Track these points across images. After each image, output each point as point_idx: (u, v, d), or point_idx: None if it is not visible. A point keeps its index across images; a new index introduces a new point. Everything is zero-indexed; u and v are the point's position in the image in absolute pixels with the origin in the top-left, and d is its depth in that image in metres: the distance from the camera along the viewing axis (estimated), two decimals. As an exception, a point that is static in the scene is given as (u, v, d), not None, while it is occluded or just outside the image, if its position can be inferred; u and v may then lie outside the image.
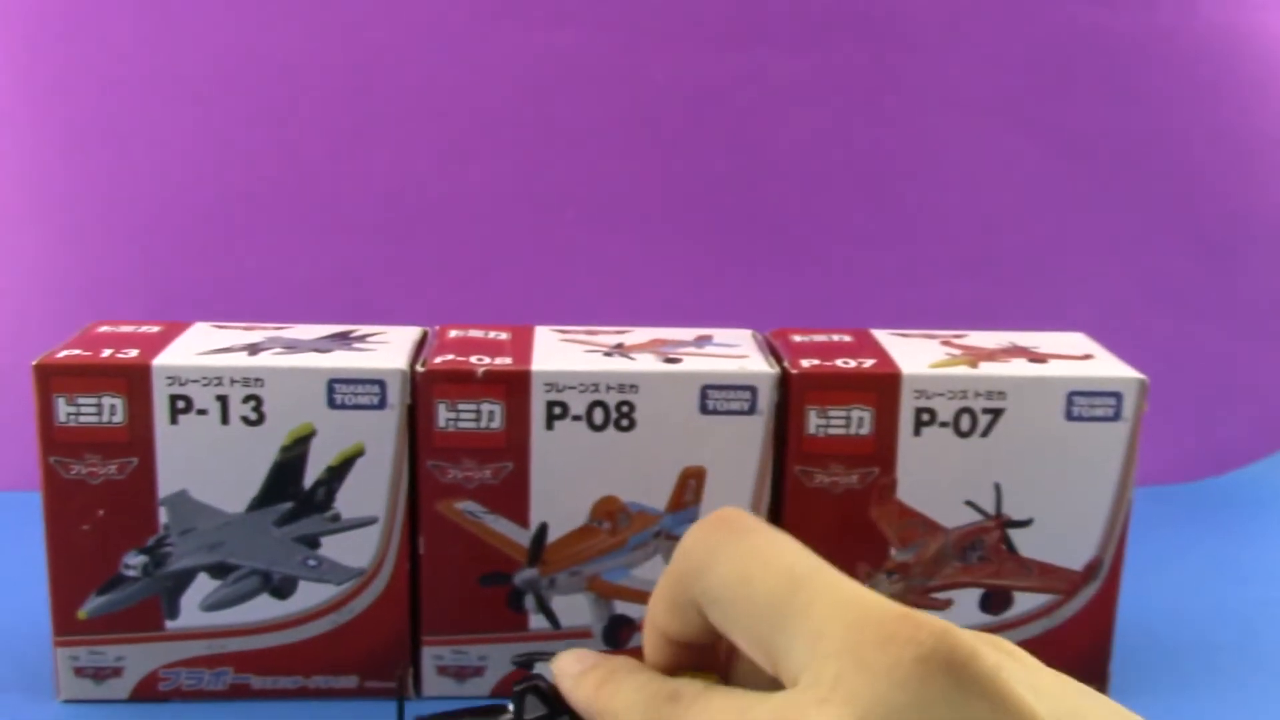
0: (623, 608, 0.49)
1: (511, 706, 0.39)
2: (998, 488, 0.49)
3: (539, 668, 0.42)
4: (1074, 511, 0.49)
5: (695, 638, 0.35)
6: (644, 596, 0.49)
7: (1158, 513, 0.68)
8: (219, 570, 0.48)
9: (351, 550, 0.48)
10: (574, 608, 0.49)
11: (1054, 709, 0.28)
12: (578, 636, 0.49)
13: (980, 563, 0.50)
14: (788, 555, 0.32)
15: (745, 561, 0.32)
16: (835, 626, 0.29)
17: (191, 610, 0.48)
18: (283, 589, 0.48)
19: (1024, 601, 0.50)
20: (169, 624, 0.48)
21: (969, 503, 0.49)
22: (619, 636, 0.50)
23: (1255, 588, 0.62)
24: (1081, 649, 0.51)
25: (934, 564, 0.49)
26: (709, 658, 0.36)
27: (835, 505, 0.48)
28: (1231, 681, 0.53)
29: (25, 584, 0.52)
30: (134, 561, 0.47)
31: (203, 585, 0.48)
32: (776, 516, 0.49)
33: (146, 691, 0.49)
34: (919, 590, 0.50)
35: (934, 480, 0.49)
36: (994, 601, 0.50)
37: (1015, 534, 0.50)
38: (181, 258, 0.72)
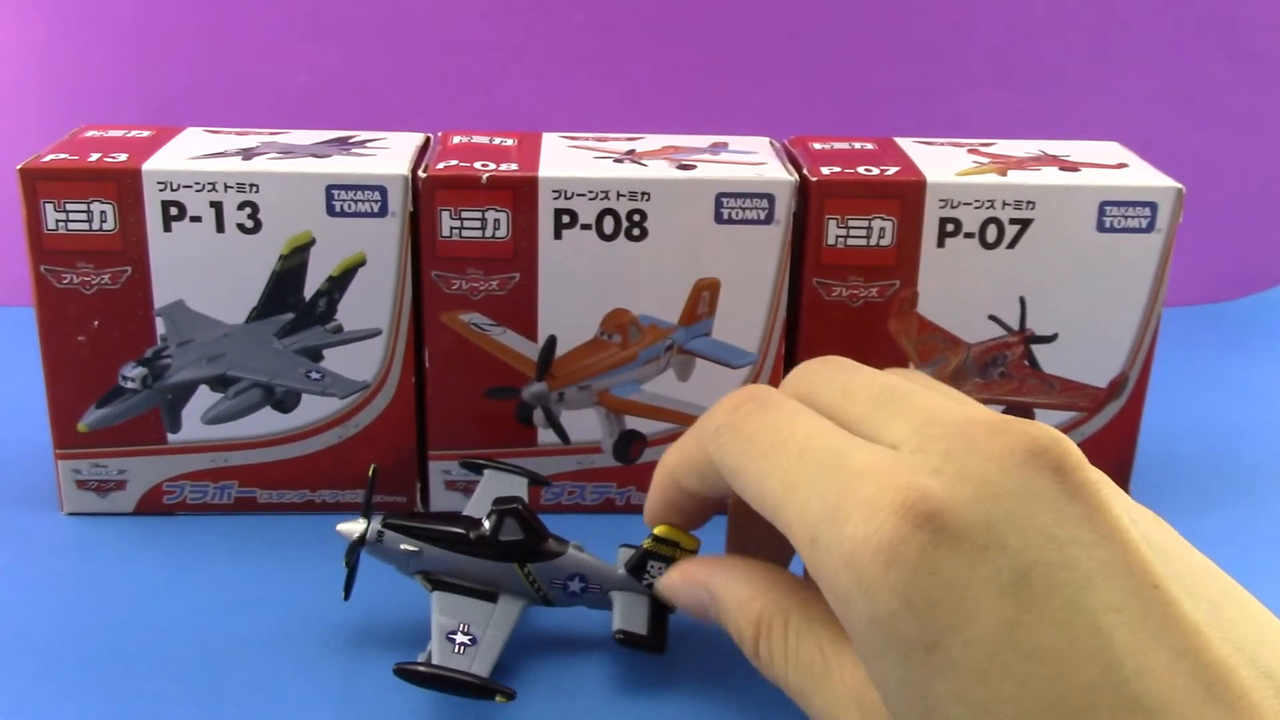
0: (633, 423, 0.48)
1: (488, 523, 0.40)
2: (1023, 301, 0.47)
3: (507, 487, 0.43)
4: (1101, 326, 0.48)
5: (712, 494, 0.36)
6: (655, 411, 0.48)
7: (1186, 332, 0.67)
8: (220, 383, 0.47)
9: (355, 363, 0.47)
10: (583, 422, 0.48)
11: (1145, 533, 0.28)
12: (587, 451, 0.48)
13: (1001, 379, 0.48)
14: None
15: (785, 418, 0.32)
16: (944, 416, 0.29)
17: (193, 423, 0.47)
18: (285, 402, 0.47)
19: (1045, 418, 0.49)
20: (171, 437, 0.48)
21: (992, 317, 0.47)
22: (629, 452, 0.49)
23: (1280, 408, 0.61)
24: (1102, 466, 0.49)
25: (953, 380, 0.48)
26: (712, 513, 0.37)
27: (853, 319, 0.47)
28: (1255, 499, 0.52)
29: (25, 398, 0.51)
30: (132, 373, 0.46)
31: (204, 398, 0.47)
32: (793, 330, 0.47)
33: (151, 505, 0.49)
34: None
35: (957, 293, 0.47)
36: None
37: (1039, 349, 0.48)
38: (173, 61, 0.70)
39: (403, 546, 0.39)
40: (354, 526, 0.40)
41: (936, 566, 0.26)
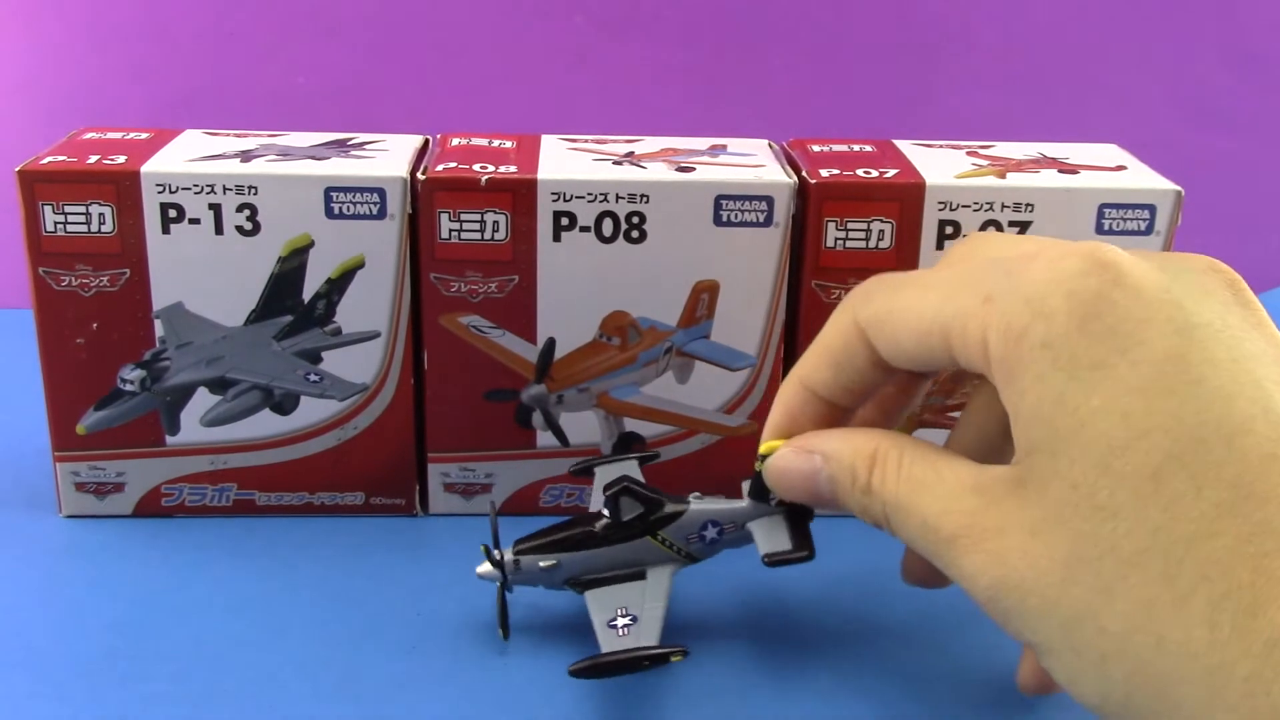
0: (632, 425, 0.48)
1: (607, 510, 0.40)
2: (1022, 304, 0.47)
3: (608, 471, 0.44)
4: (1100, 329, 0.48)
5: (849, 388, 0.35)
6: (654, 413, 0.48)
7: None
8: (219, 385, 0.47)
9: (354, 365, 0.47)
10: (582, 424, 0.48)
11: None
12: (586, 453, 0.48)
13: (1001, 381, 0.48)
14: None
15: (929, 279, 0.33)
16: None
17: (192, 426, 0.47)
18: (284, 404, 0.47)
19: (1044, 421, 0.49)
20: (170, 439, 0.47)
21: (991, 319, 0.47)
22: (629, 454, 0.49)
23: None
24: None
25: (952, 382, 0.48)
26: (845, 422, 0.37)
27: (853, 321, 0.47)
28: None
29: (24, 400, 0.51)
30: (131, 375, 0.46)
31: (203, 400, 0.47)
32: (792, 332, 0.47)
33: (150, 507, 0.48)
34: (936, 409, 0.48)
35: (956, 296, 0.47)
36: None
37: (1038, 352, 0.48)
38: (172, 64, 0.70)
39: (541, 565, 0.40)
40: (488, 566, 0.40)
41: (1115, 301, 0.28)
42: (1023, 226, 0.46)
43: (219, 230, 0.45)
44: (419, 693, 0.38)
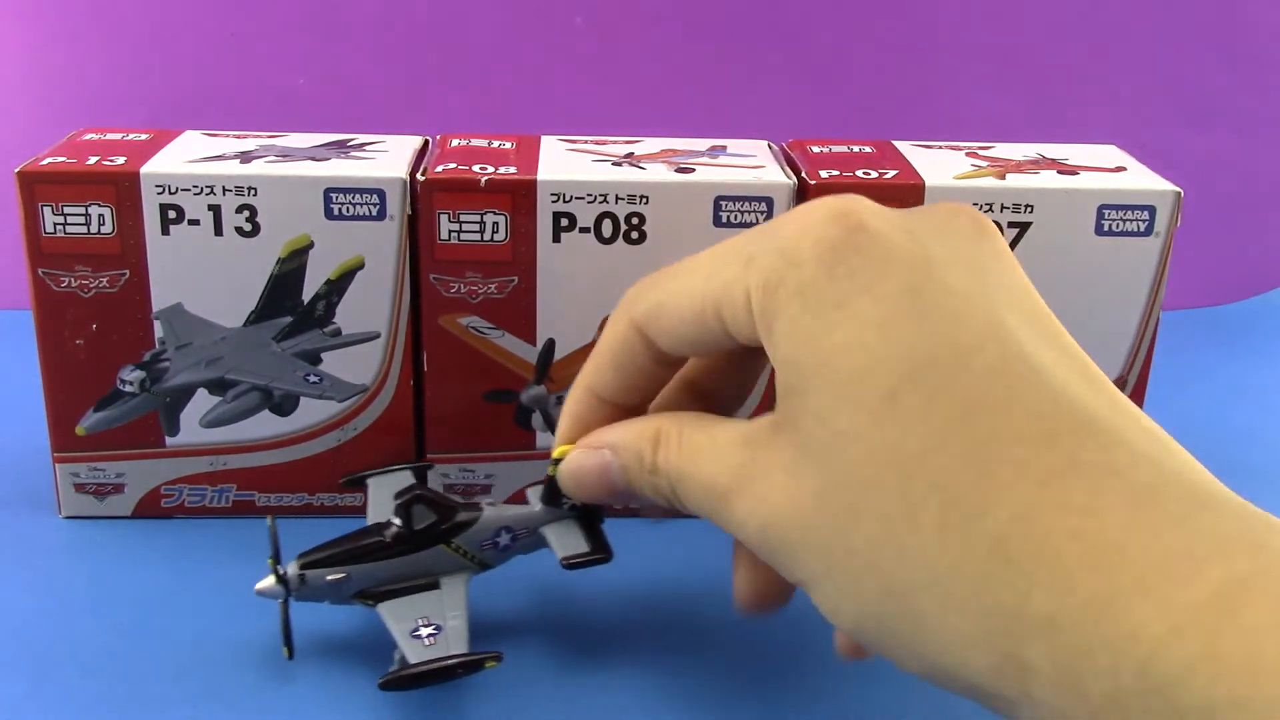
0: (632, 426, 0.48)
1: (399, 520, 0.40)
2: (1021, 305, 0.47)
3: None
4: (1100, 330, 0.48)
5: (632, 387, 0.36)
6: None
7: (1184, 335, 0.67)
8: (218, 386, 0.47)
9: (353, 366, 0.47)
10: (582, 426, 0.48)
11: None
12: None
13: (1000, 382, 0.48)
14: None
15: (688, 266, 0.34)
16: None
17: (192, 427, 0.47)
18: (284, 406, 0.47)
19: (1044, 422, 0.49)
20: (169, 440, 0.48)
21: (991, 320, 0.47)
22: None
23: None
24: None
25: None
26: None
27: (852, 322, 0.47)
28: (1254, 502, 0.52)
29: (23, 401, 0.51)
30: (130, 376, 0.46)
31: (202, 401, 0.47)
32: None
33: (150, 508, 0.48)
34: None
35: (955, 297, 0.47)
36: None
37: (1037, 353, 0.48)
38: (171, 64, 0.70)
39: (329, 578, 0.39)
40: (271, 581, 0.39)
41: (858, 244, 0.29)
42: (1022, 227, 0.46)
43: (218, 231, 0.45)
44: (417, 693, 0.38)
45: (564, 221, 0.45)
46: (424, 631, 0.38)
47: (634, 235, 0.45)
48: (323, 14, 0.69)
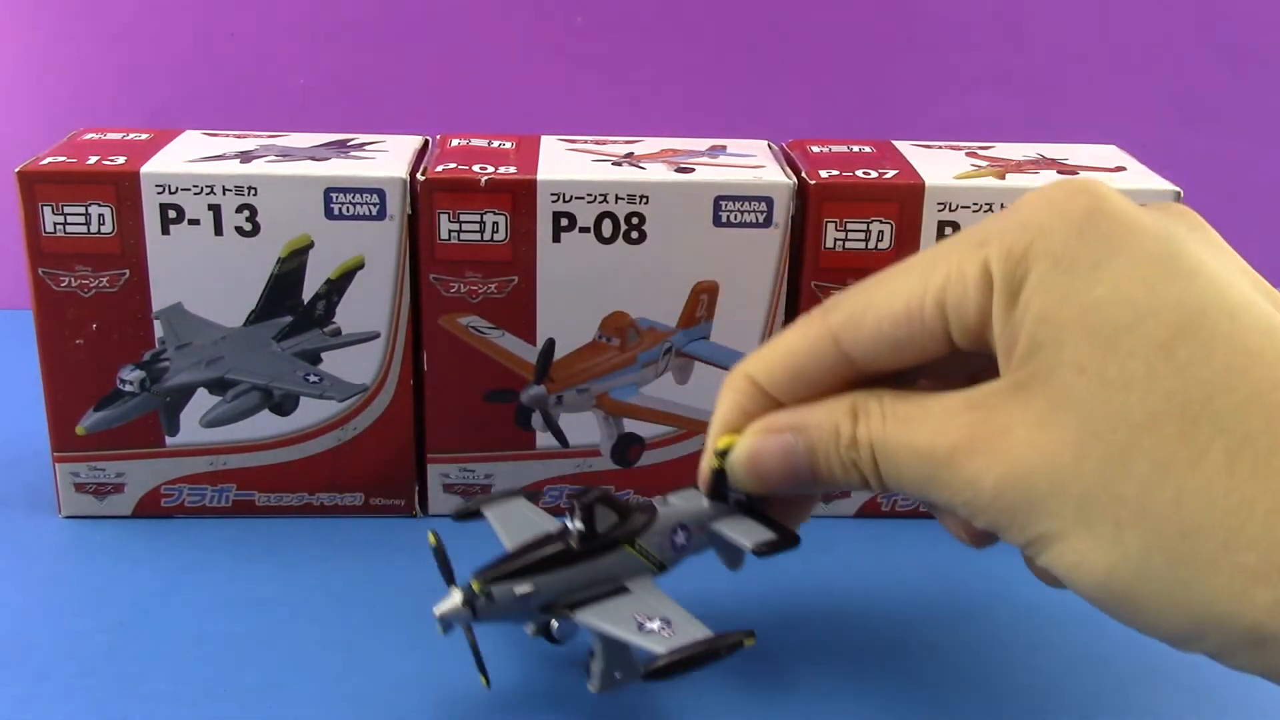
0: (632, 426, 0.48)
1: (581, 524, 0.37)
2: (1021, 305, 0.47)
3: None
4: (1099, 330, 0.48)
5: (802, 394, 0.35)
6: (654, 414, 0.48)
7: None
8: (218, 386, 0.47)
9: (353, 366, 0.47)
10: (582, 425, 0.48)
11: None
12: (586, 455, 0.48)
13: (1000, 382, 0.48)
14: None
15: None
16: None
17: (192, 426, 0.47)
18: (284, 405, 0.47)
19: (1043, 422, 0.49)
20: (169, 440, 0.48)
21: (991, 320, 0.47)
22: (628, 455, 0.49)
23: None
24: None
25: (952, 383, 0.48)
26: None
27: (852, 322, 0.47)
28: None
29: (23, 401, 0.51)
30: (130, 376, 0.46)
31: (202, 401, 0.47)
32: (791, 333, 0.47)
33: (150, 508, 0.48)
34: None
35: (955, 297, 0.47)
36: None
37: (1037, 353, 0.48)
38: (171, 64, 0.70)
39: (518, 592, 0.36)
40: (454, 602, 0.35)
41: (1105, 212, 0.30)
42: (1022, 227, 0.46)
43: (219, 231, 0.45)
44: (417, 696, 0.38)
45: (564, 221, 0.45)
46: (653, 625, 0.35)
47: (634, 235, 0.45)
48: (323, 14, 0.69)
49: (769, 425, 0.35)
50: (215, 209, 0.44)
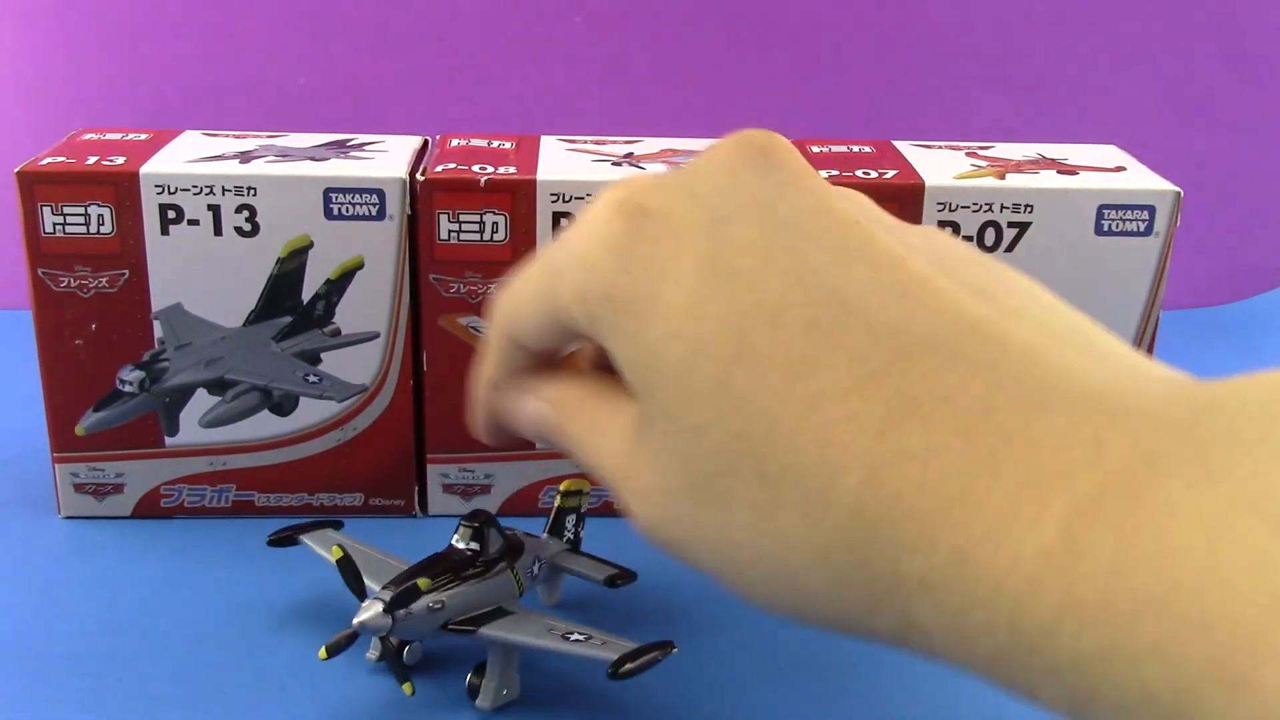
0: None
1: (475, 543, 0.38)
2: (1021, 305, 0.47)
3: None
4: (1099, 330, 0.48)
5: (550, 346, 0.34)
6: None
7: (1184, 335, 0.67)
8: (218, 386, 0.47)
9: (353, 366, 0.47)
10: (582, 426, 0.48)
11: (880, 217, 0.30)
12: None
13: (1000, 382, 0.48)
14: None
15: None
16: None
17: (191, 427, 0.47)
18: (283, 406, 0.47)
19: (1043, 422, 0.49)
20: (169, 440, 0.47)
21: (991, 320, 0.47)
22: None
23: None
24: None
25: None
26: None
27: (852, 322, 0.47)
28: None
29: (23, 401, 0.51)
30: (130, 376, 0.46)
31: (202, 401, 0.47)
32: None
33: (149, 508, 0.48)
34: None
35: (955, 297, 0.47)
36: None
37: (1037, 353, 0.48)
38: (171, 64, 0.70)
39: (430, 606, 0.37)
40: (375, 612, 0.36)
41: (644, 231, 0.28)
42: (1022, 227, 0.46)
43: (218, 231, 0.45)
44: (421, 693, 0.38)
45: (564, 221, 0.45)
46: (579, 637, 0.36)
47: (634, 235, 0.45)
48: (323, 14, 0.69)
49: (524, 388, 0.34)
50: (215, 209, 0.44)
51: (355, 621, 0.36)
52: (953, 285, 0.27)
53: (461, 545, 0.39)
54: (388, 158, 0.46)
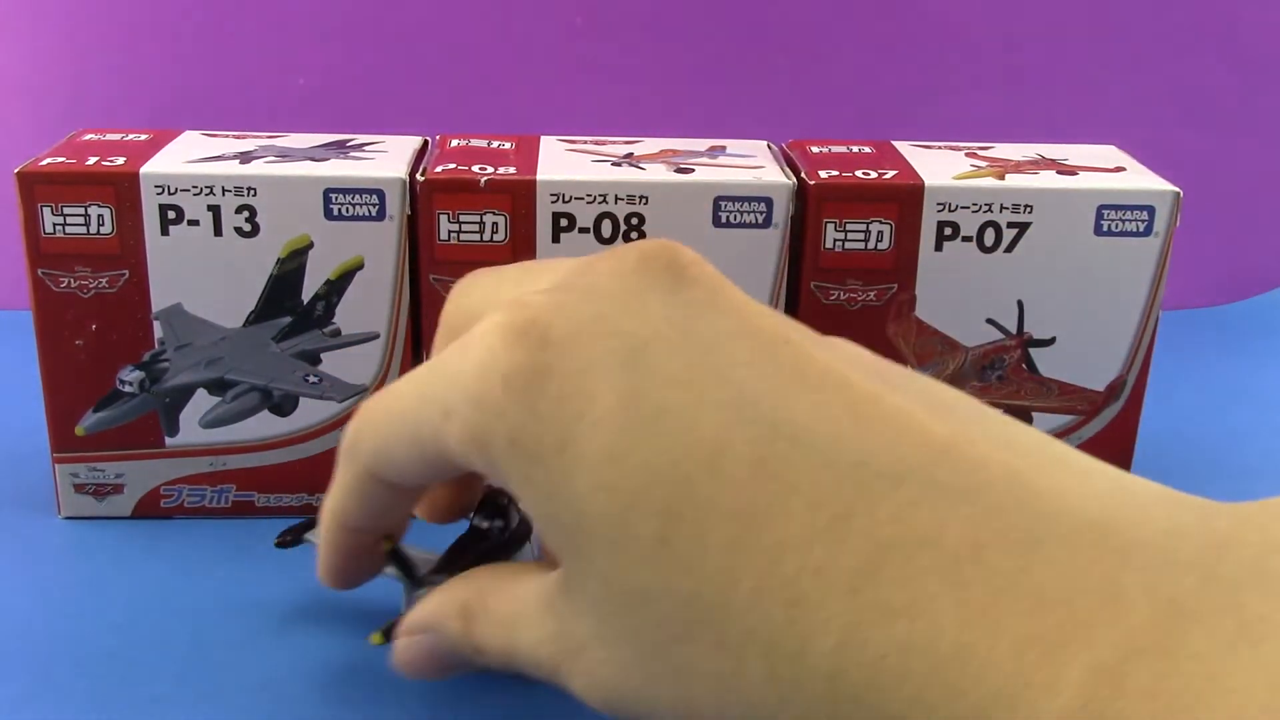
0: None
1: (501, 520, 0.38)
2: (1021, 305, 0.47)
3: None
4: (1099, 330, 0.48)
5: (391, 517, 0.33)
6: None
7: (1184, 336, 0.67)
8: (218, 386, 0.47)
9: (353, 367, 0.47)
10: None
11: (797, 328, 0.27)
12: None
13: (999, 382, 0.48)
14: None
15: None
16: (571, 263, 0.29)
17: (191, 427, 0.47)
18: (283, 406, 0.47)
19: (1043, 421, 0.49)
20: (169, 441, 0.48)
21: (990, 320, 0.47)
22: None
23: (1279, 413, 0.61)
24: (1100, 470, 0.50)
25: (951, 383, 0.48)
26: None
27: (852, 322, 0.47)
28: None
29: (23, 402, 0.51)
30: (130, 377, 0.46)
31: (202, 402, 0.47)
32: (791, 334, 0.47)
33: (149, 508, 0.48)
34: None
35: (955, 297, 0.47)
36: (1012, 422, 0.49)
37: (1037, 353, 0.48)
38: (171, 64, 0.70)
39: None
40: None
41: (549, 365, 0.25)
42: (1022, 228, 0.46)
43: (218, 232, 0.45)
44: (417, 696, 0.38)
45: (563, 222, 0.45)
46: None
47: (633, 235, 0.45)
48: (323, 14, 0.69)
49: (408, 627, 0.33)
50: (215, 210, 0.44)
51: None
52: (905, 401, 0.24)
53: (486, 525, 0.38)
54: (388, 158, 0.46)
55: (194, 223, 0.45)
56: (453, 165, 0.46)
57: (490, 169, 0.45)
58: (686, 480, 0.23)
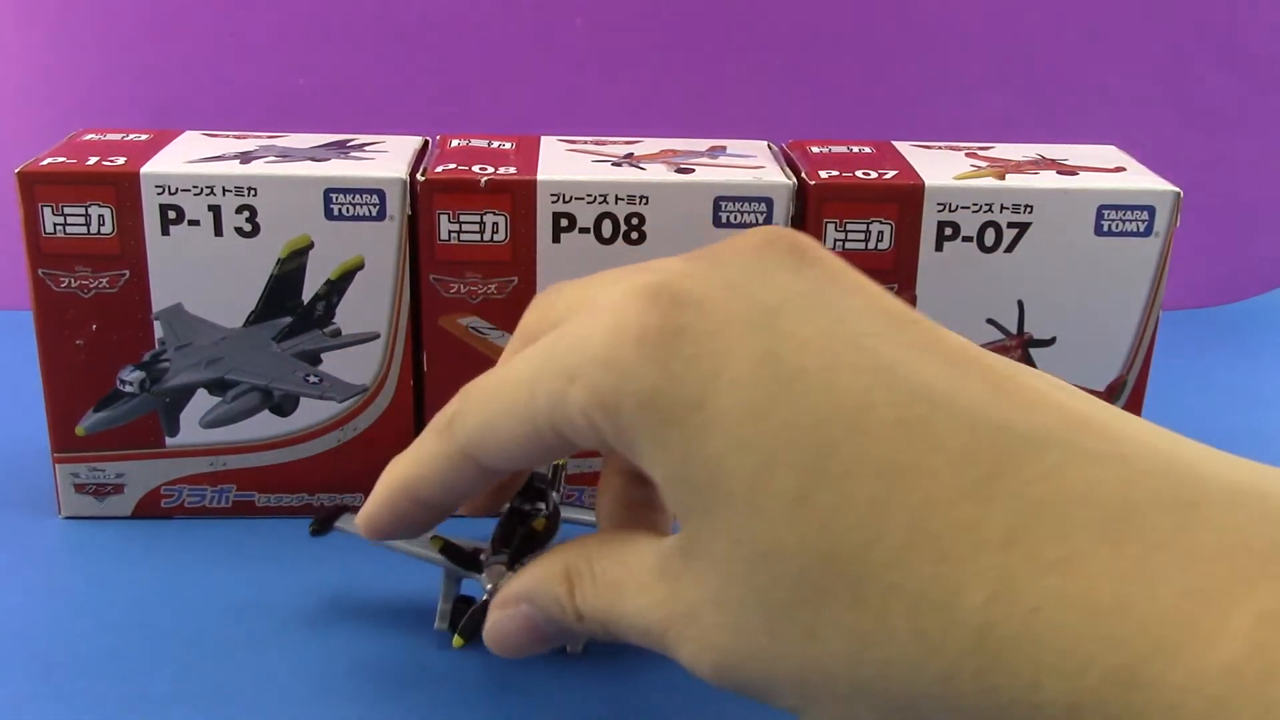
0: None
1: (543, 503, 0.39)
2: (1021, 305, 0.47)
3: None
4: (1099, 330, 0.48)
5: (462, 500, 0.32)
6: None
7: (1184, 336, 0.67)
8: (218, 386, 0.47)
9: (353, 367, 0.47)
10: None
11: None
12: (586, 455, 0.48)
13: (1000, 382, 0.48)
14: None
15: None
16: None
17: (191, 427, 0.47)
18: (283, 406, 0.47)
19: (1043, 422, 0.49)
20: (169, 441, 0.48)
21: (991, 320, 0.47)
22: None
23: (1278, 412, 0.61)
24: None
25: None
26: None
27: (852, 322, 0.47)
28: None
29: (23, 402, 0.51)
30: (130, 377, 0.46)
31: (202, 402, 0.47)
32: (791, 334, 0.47)
33: (149, 508, 0.48)
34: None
35: (955, 297, 0.47)
36: (1013, 422, 0.49)
37: (1037, 353, 0.48)
38: (171, 64, 0.70)
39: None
40: (504, 574, 0.36)
41: (685, 326, 0.25)
42: (1022, 228, 0.46)
43: (218, 232, 0.45)
44: (417, 696, 0.38)
45: (564, 222, 0.45)
46: None
47: (634, 235, 0.45)
48: (323, 14, 0.69)
49: (504, 599, 0.32)
50: (215, 210, 0.44)
51: (487, 588, 0.37)
52: (1039, 381, 0.25)
53: (527, 507, 0.38)
54: (388, 158, 0.46)
55: (194, 223, 0.45)
56: (453, 165, 0.46)
57: (490, 169, 0.45)
58: (829, 439, 0.24)
